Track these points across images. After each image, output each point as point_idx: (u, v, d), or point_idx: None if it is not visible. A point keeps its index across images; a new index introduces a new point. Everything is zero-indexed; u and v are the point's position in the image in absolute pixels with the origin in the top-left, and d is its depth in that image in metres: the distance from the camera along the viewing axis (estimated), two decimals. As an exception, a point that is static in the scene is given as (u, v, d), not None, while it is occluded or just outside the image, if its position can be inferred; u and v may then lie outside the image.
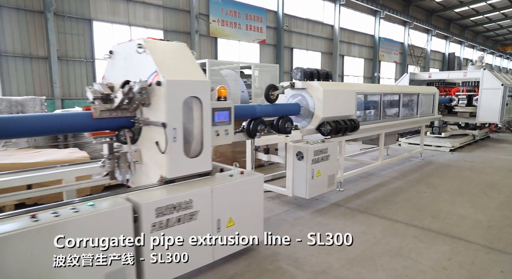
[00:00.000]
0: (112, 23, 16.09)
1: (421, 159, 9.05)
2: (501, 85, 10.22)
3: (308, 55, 26.88)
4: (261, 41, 22.97)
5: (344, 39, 29.94)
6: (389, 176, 7.27)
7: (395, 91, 7.52)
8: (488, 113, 10.56)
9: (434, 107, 9.22)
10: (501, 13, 42.11)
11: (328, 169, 5.30)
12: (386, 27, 34.55)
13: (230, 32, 21.04)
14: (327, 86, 5.55)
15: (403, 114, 8.03)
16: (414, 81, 12.71)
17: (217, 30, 20.43)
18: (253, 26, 22.27)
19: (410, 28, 37.37)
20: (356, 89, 6.18)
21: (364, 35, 32.12)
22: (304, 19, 26.00)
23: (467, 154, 9.84)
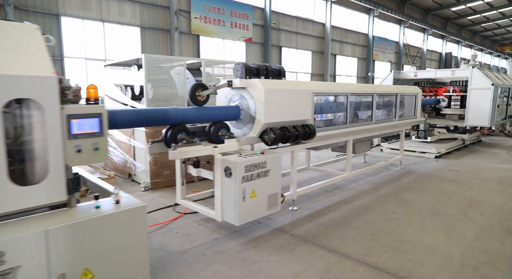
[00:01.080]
0: (83, 19, 15.06)
1: (400, 168, 8.01)
2: (491, 85, 9.16)
3: (298, 54, 25.85)
4: (247, 39, 21.95)
5: (336, 38, 28.89)
6: (358, 190, 6.23)
7: (366, 91, 6.48)
8: (477, 116, 9.50)
9: (416, 109, 8.17)
10: (499, 12, 41.03)
11: (268, 186, 4.26)
12: (380, 26, 33.48)
13: (213, 29, 20.01)
14: (270, 85, 4.51)
15: (377, 118, 7.01)
16: (400, 80, 11.68)
17: (199, 28, 19.41)
18: (238, 24, 21.25)
19: (405, 27, 36.32)
20: (313, 88, 5.14)
21: (357, 34, 31.06)
22: (293, 16, 24.96)
23: (454, 161, 8.79)
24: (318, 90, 5.27)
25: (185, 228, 4.47)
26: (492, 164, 8.57)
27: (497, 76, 10.58)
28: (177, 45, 18.06)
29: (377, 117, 7.19)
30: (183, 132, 4.08)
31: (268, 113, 4.47)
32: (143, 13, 17.05)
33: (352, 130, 6.00)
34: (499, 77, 10.58)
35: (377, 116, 7.25)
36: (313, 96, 5.16)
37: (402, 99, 8.03)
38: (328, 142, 5.70)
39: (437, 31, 40.87)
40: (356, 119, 6.75)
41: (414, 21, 36.19)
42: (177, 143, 3.98)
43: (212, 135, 4.39)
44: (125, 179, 6.71)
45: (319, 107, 5.77)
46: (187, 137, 4.08)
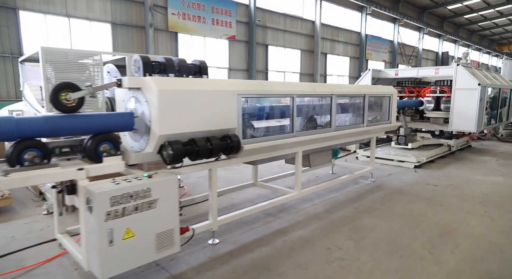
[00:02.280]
0: (45, 14, 13.93)
1: (370, 181, 6.86)
2: (477, 84, 8.00)
3: (285, 53, 24.71)
4: (230, 37, 20.81)
5: (327, 36, 27.73)
6: (308, 213, 5.09)
7: (320, 92, 5.32)
8: (462, 120, 8.34)
9: (390, 112, 7.02)
10: (496, 10, 39.83)
11: (156, 222, 3.12)
12: (374, 24, 32.29)
13: (193, 26, 18.87)
14: (168, 84, 3.37)
15: (339, 124, 5.88)
16: (381, 80, 10.53)
17: (177, 25, 18.26)
18: (220, 21, 20.10)
19: (400, 26, 35.14)
20: (240, 89, 3.99)
21: (349, 32, 29.88)
22: (280, 13, 23.81)
23: (435, 173, 7.64)
24: (247, 91, 4.12)
25: (54, 275, 3.34)
26: (477, 175, 7.41)
27: (486, 75, 9.41)
28: (152, 43, 16.93)
29: (340, 123, 6.06)
30: (34, 149, 2.95)
31: (165, 121, 3.33)
32: (115, 9, 15.92)
33: (300, 140, 4.85)
34: (488, 77, 9.42)
35: (340, 121, 6.12)
36: (240, 99, 4.01)
37: (373, 101, 6.89)
38: (267, 155, 4.56)
39: (433, 30, 39.69)
40: (310, 126, 5.61)
41: (409, 19, 35.00)
42: (22, 164, 2.86)
43: (88, 151, 3.26)
44: (36, 197, 5.58)
45: (253, 112, 4.64)
46: (40, 156, 2.95)
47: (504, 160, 9.13)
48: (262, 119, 4.84)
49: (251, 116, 4.63)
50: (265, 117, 4.89)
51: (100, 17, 15.48)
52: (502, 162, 8.87)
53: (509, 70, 13.74)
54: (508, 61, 13.89)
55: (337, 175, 7.30)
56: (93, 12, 15.20)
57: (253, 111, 4.74)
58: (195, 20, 18.82)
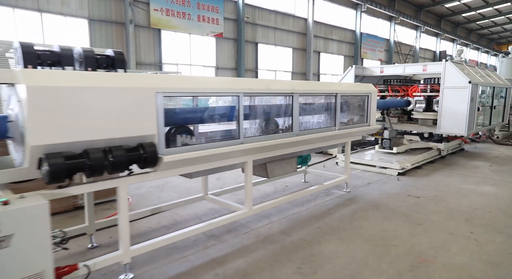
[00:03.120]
0: (13, 8, 13.10)
1: (345, 192, 6.02)
2: (468, 82, 7.15)
3: (276, 51, 23.87)
4: (217, 34, 19.96)
5: (320, 34, 26.89)
6: (259, 234, 4.25)
7: (276, 90, 4.46)
8: (451, 122, 7.49)
9: (369, 113, 6.17)
10: (495, 9, 38.97)
11: (12, 266, 2.29)
12: (369, 22, 31.45)
13: (177, 23, 18.03)
14: (46, 79, 2.53)
15: (305, 127, 5.05)
16: (366, 77, 9.69)
17: (160, 21, 17.43)
18: (207, 17, 19.27)
19: (396, 24, 34.30)
20: (160, 86, 3.15)
21: (343, 30, 29.05)
22: (271, 10, 22.98)
23: (419, 181, 6.79)
24: (171, 89, 3.27)
25: None
26: (468, 184, 6.56)
27: (479, 73, 8.56)
28: (133, 40, 16.10)
29: (306, 126, 5.22)
30: None
31: (40, 128, 2.50)
32: (92, 4, 15.08)
33: (249, 148, 4.00)
34: (482, 74, 8.56)
35: (306, 124, 5.29)
36: (161, 98, 3.17)
37: (348, 101, 6.06)
38: (205, 166, 3.71)
39: (431, 28, 38.85)
40: (270, 130, 4.77)
41: (406, 17, 34.18)
42: None
43: None
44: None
45: (188, 115, 3.80)
46: None
47: (498, 165, 8.28)
48: (203, 122, 4.00)
49: (184, 120, 3.79)
50: (207, 120, 4.05)
51: (76, 12, 14.65)
52: (496, 167, 8.03)
53: (505, 68, 12.89)
54: (504, 59, 13.04)
55: (309, 184, 6.47)
56: (68, 7, 14.37)
57: (188, 114, 3.89)
58: (179, 16, 17.98)
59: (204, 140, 3.97)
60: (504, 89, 10.01)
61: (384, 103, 7.66)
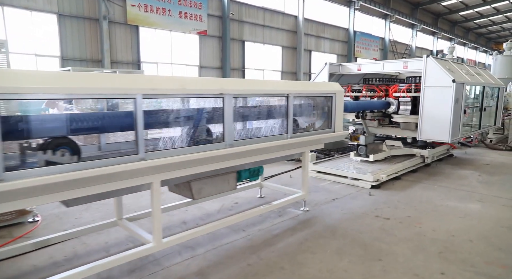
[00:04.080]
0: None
1: (302, 211, 5.05)
2: (452, 81, 6.17)
3: (265, 50, 22.89)
4: (201, 32, 18.99)
5: (312, 33, 25.91)
6: (167, 276, 3.28)
7: (196, 91, 3.47)
8: (434, 126, 6.52)
9: (333, 118, 5.20)
10: (492, 7, 37.91)
11: None
12: (363, 20, 30.44)
13: (156, 20, 17.07)
14: None
15: (245, 136, 4.11)
16: (345, 76, 8.72)
17: (138, 18, 16.46)
18: (189, 14, 18.29)
19: (391, 22, 33.28)
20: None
21: (336, 28, 28.05)
22: (259, 7, 21.99)
23: (395, 196, 5.82)
24: (8, 90, 2.30)
25: None
26: (450, 200, 5.59)
27: (467, 71, 7.57)
28: (107, 37, 15.14)
29: (247, 134, 4.29)
30: None
31: None
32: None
33: (151, 166, 3.03)
34: (470, 73, 7.58)
35: (247, 132, 4.35)
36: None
37: (307, 103, 5.11)
38: (85, 192, 2.75)
39: (427, 27, 37.83)
40: (199, 140, 3.81)
41: (401, 15, 33.17)
42: None
43: None
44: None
45: (58, 123, 2.84)
46: None
47: (488, 175, 7.30)
48: (78, 133, 3.03)
49: (41, 131, 2.81)
50: (87, 130, 3.08)
51: (44, 7, 13.69)
52: (485, 178, 7.05)
53: (499, 66, 11.91)
54: (498, 56, 12.06)
55: (264, 200, 5.51)
56: (35, 2, 13.40)
57: (49, 123, 2.91)
58: (159, 12, 17.02)
59: (84, 156, 2.99)
60: (496, 89, 9.03)
61: (356, 105, 6.66)
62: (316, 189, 6.16)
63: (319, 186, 6.35)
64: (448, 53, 12.98)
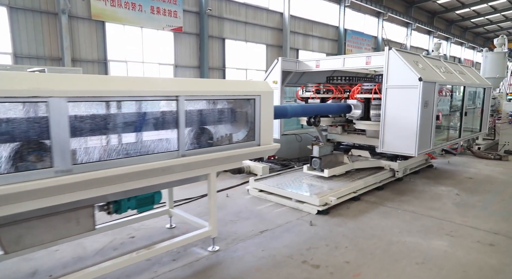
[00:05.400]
0: None
1: (210, 252, 3.76)
2: (418, 80, 4.88)
3: (248, 48, 21.59)
4: (176, 28, 17.69)
5: (299, 30, 24.58)
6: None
7: None
8: (397, 136, 5.22)
9: (257, 127, 3.92)
10: (489, 5, 36.48)
11: None
12: (354, 18, 29.10)
13: (125, 15, 15.76)
14: None
15: (85, 158, 2.82)
16: (307, 74, 7.43)
17: (104, 12, 15.16)
18: (162, 9, 16.99)
19: (385, 20, 31.91)
20: None
21: (325, 26, 26.71)
22: (241, 3, 20.66)
23: (342, 227, 4.53)
24: None
25: None
26: (411, 233, 4.28)
27: (445, 68, 6.25)
28: (67, 33, 13.85)
29: (98, 154, 3.01)
30: None
31: None
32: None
33: None
34: (448, 70, 6.26)
35: (100, 152, 3.07)
36: None
37: (220, 108, 3.84)
38: None
39: (422, 26, 36.44)
40: (29, 162, 2.53)
41: (395, 14, 31.79)
42: None
43: None
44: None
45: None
46: None
47: (468, 193, 6.00)
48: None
49: None
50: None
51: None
52: (463, 197, 5.75)
53: (490, 65, 10.58)
54: (489, 53, 10.73)
55: (171, 233, 4.24)
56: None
57: None
58: (127, 7, 15.72)
59: None
60: (482, 90, 7.71)
61: (302, 109, 5.31)
62: (248, 215, 4.88)
63: (254, 210, 5.06)
64: (433, 50, 11.65)
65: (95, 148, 2.89)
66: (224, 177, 6.89)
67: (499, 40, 10.58)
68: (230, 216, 4.84)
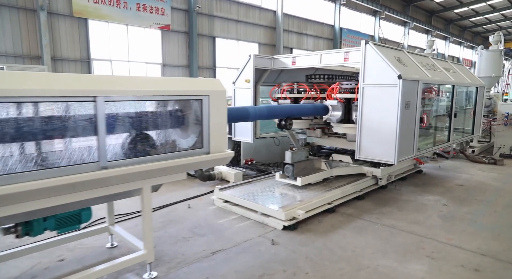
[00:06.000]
0: None
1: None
2: (397, 77, 4.29)
3: (239, 47, 21.00)
4: (163, 26, 17.11)
5: (293, 29, 23.99)
6: None
7: None
8: (375, 141, 4.63)
9: (204, 133, 3.34)
10: (488, 4, 35.84)
11: None
12: (350, 17, 28.48)
13: (109, 12, 15.17)
14: None
15: None
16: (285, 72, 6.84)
17: (86, 9, 14.57)
18: (149, 7, 16.41)
19: (381, 19, 31.29)
20: None
21: (320, 25, 26.10)
22: (232, 1, 20.07)
23: (309, 245, 3.94)
24: None
25: None
26: (386, 255, 3.69)
27: (432, 65, 5.65)
28: (46, 30, 13.26)
29: (17, 165, 2.42)
30: None
31: None
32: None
33: None
34: (436, 68, 5.66)
35: None
36: None
37: (162, 110, 3.26)
38: None
39: (420, 25, 35.82)
40: None
41: (392, 12, 31.17)
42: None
43: None
44: None
45: None
46: None
47: (457, 203, 5.40)
48: None
49: None
50: None
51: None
52: (451, 209, 5.15)
53: (485, 63, 9.96)
54: (484, 51, 10.12)
55: (109, 253, 3.65)
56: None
57: None
58: (112, 4, 15.13)
59: None
60: (474, 89, 7.10)
61: (267, 111, 4.68)
62: (205, 230, 4.29)
63: (214, 225, 4.47)
64: (426, 47, 11.06)
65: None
66: (192, 184, 6.31)
67: (495, 37, 9.98)
68: (184, 231, 4.25)
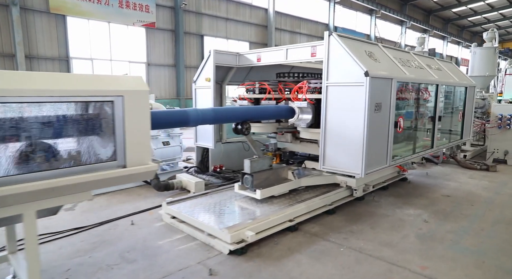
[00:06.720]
0: None
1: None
2: (363, 75, 3.61)
3: (229, 46, 20.34)
4: (148, 24, 16.47)
5: (286, 27, 23.35)
6: None
7: None
8: (340, 150, 3.95)
9: (118, 141, 2.66)
10: (486, 3, 35.14)
11: None
12: (345, 15, 27.83)
13: (89, 9, 14.52)
14: None
15: None
16: (254, 70, 6.17)
17: (65, 5, 13.93)
18: (132, 4, 15.77)
19: (377, 18, 30.64)
20: None
21: (314, 23, 25.47)
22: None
23: (256, 277, 3.26)
24: None
25: None
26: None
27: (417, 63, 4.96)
28: (19, 27, 12.61)
29: None
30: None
31: None
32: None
33: None
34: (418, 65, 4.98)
35: None
36: None
37: (40, 116, 2.55)
38: None
39: (417, 24, 35.16)
40: None
41: (388, 11, 30.52)
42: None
43: None
44: None
45: None
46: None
47: (440, 218, 4.72)
48: None
49: None
50: None
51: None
52: (432, 226, 4.47)
53: (479, 62, 9.28)
54: (477, 49, 9.42)
55: None
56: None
57: None
58: (92, 0, 14.47)
59: None
60: (463, 89, 6.41)
61: (214, 114, 3.97)
62: (138, 255, 3.61)
63: (152, 247, 3.79)
64: (417, 45, 10.38)
65: None
66: (148, 194, 5.64)
67: (489, 34, 9.30)
68: (113, 257, 3.58)
